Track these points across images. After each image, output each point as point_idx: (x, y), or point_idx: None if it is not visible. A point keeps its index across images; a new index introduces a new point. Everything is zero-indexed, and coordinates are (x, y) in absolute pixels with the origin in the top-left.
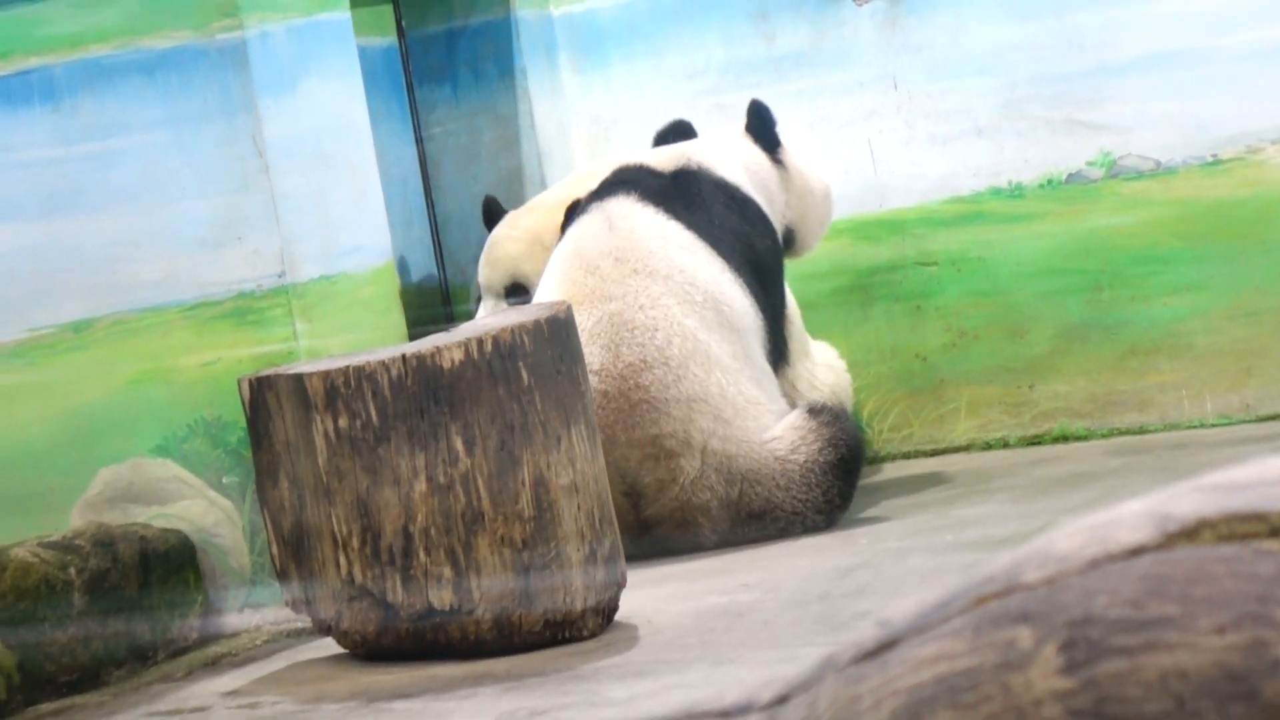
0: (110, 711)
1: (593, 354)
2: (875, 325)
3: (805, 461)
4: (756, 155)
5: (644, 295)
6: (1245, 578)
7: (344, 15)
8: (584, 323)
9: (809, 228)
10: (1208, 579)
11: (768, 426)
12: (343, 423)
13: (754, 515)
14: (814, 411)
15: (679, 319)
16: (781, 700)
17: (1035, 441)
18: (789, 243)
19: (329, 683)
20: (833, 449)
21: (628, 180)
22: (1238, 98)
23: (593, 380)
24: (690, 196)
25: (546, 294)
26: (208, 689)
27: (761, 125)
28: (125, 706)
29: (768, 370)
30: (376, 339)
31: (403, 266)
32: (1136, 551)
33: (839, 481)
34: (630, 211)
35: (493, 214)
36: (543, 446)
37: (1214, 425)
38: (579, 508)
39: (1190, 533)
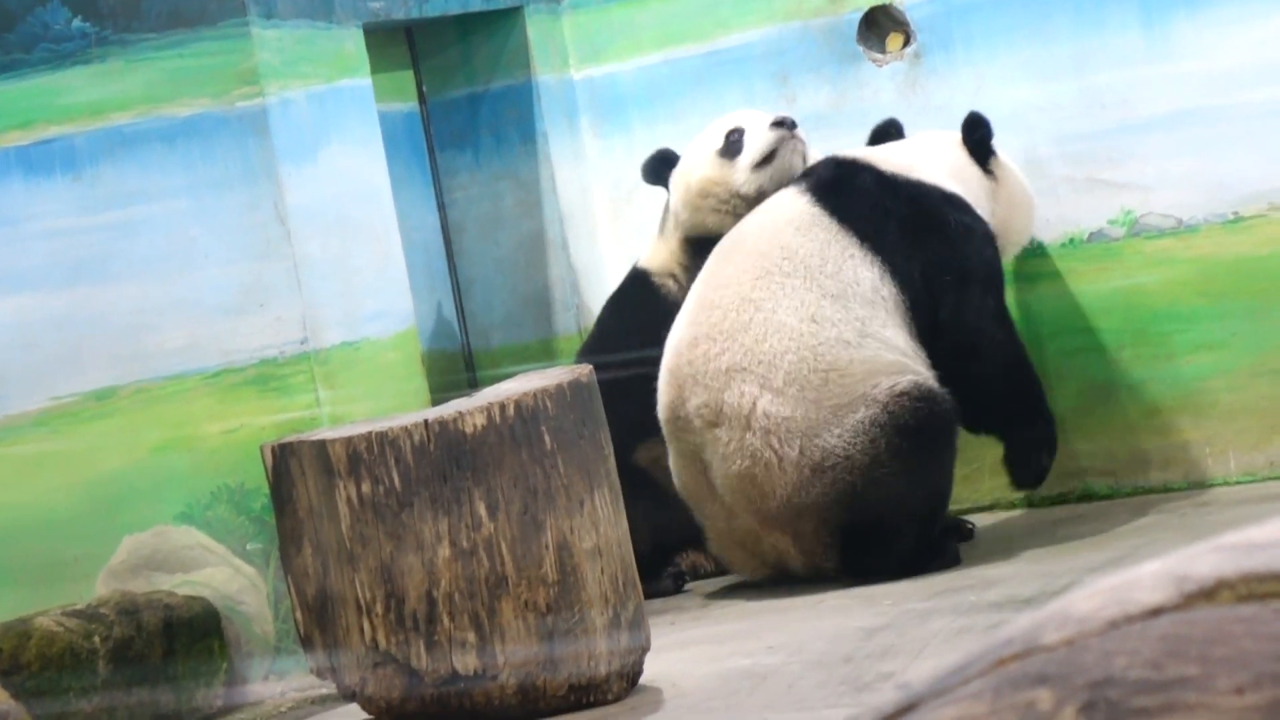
0: None
1: (674, 333)
2: None
3: (866, 416)
4: (966, 163)
5: (727, 275)
6: (1264, 637)
7: (365, 81)
8: (685, 305)
9: (1009, 238)
10: (1227, 639)
11: (849, 384)
12: (366, 489)
13: (817, 469)
14: (909, 388)
15: (746, 294)
16: None
17: (1059, 500)
18: None
19: None
20: (897, 410)
21: (807, 173)
22: (1259, 155)
23: (666, 361)
24: (852, 184)
25: None
26: None
27: (978, 138)
28: None
29: (883, 335)
30: (399, 404)
31: (425, 331)
32: (1155, 612)
33: (898, 437)
34: (776, 199)
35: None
36: (566, 511)
37: (1238, 483)
38: (602, 571)
39: (1209, 593)
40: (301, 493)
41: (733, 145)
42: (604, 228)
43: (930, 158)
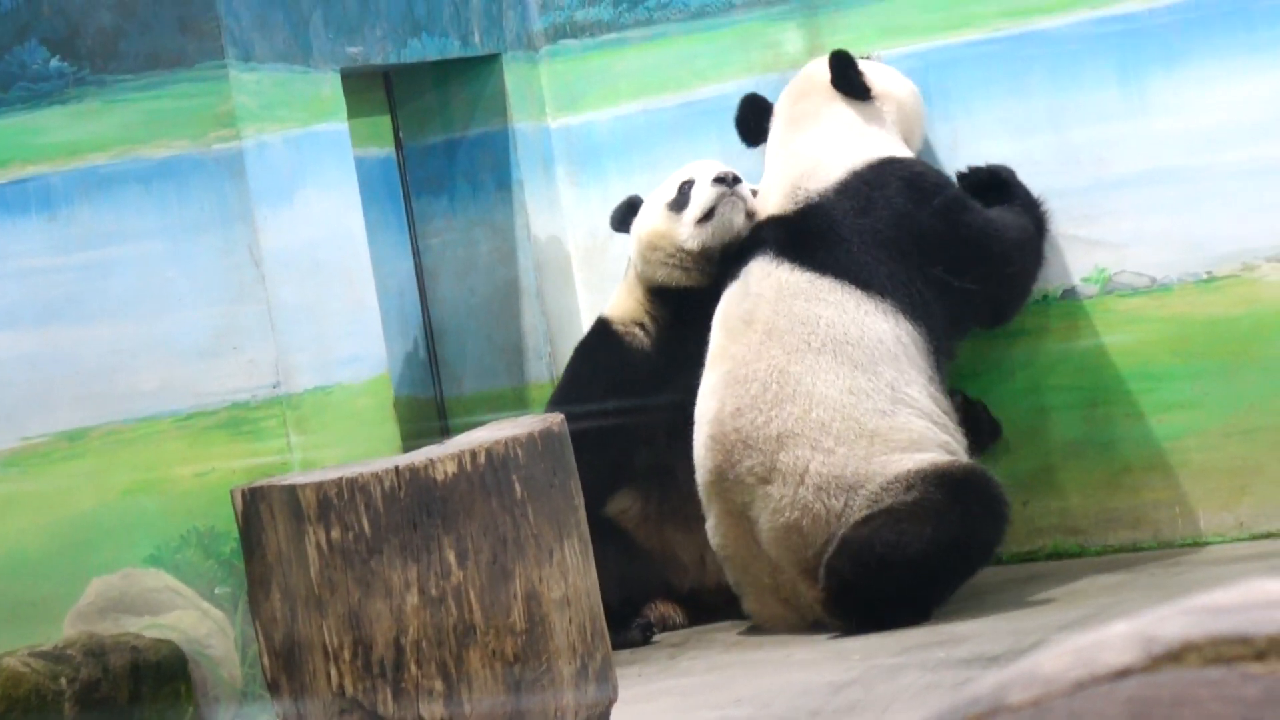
0: None
1: (709, 406)
2: None
3: (914, 470)
4: (854, 112)
5: (753, 352)
6: (1230, 701)
7: (341, 126)
8: (709, 379)
9: (914, 135)
10: (1193, 702)
11: (894, 449)
12: (335, 534)
13: (862, 521)
14: (949, 463)
15: (783, 367)
16: None
17: (1029, 558)
18: None
19: None
20: (947, 473)
21: (762, 239)
22: (1234, 215)
23: (705, 429)
24: (819, 235)
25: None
26: None
27: (845, 79)
28: None
29: (910, 395)
30: (370, 450)
31: (398, 377)
32: (1122, 674)
33: (939, 491)
34: (764, 272)
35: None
36: (535, 560)
37: (1207, 543)
38: (571, 621)
39: (1175, 655)
40: (271, 537)
41: (681, 199)
42: (578, 276)
43: (824, 137)
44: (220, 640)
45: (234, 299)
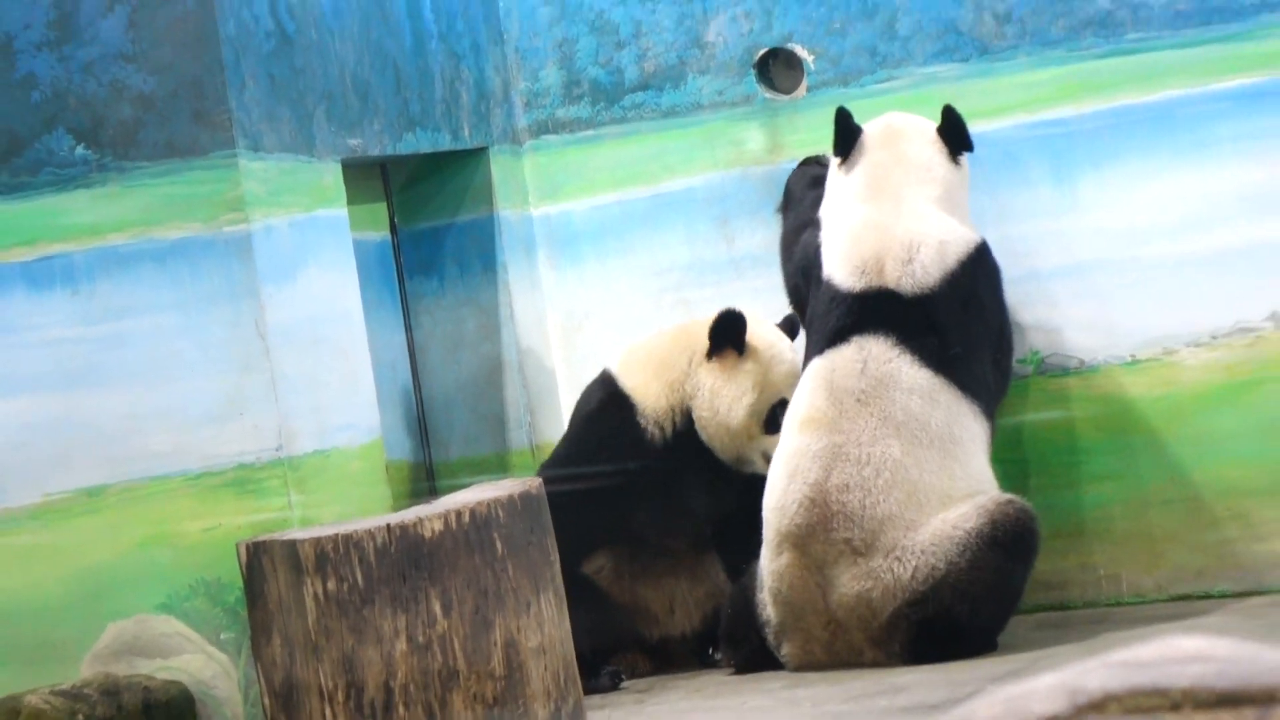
0: None
1: (811, 470)
2: None
3: (971, 529)
4: (948, 173)
5: (867, 434)
6: None
7: (341, 212)
8: (812, 444)
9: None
10: None
11: (961, 519)
12: (331, 586)
13: (919, 599)
14: (1002, 498)
15: (896, 457)
16: None
17: None
18: None
19: None
20: (991, 524)
21: (879, 312)
22: (1155, 303)
23: (803, 489)
24: (938, 329)
25: (794, 405)
26: None
27: (957, 131)
28: None
29: (983, 469)
30: (364, 509)
31: (390, 443)
32: None
33: (995, 557)
34: (885, 357)
35: (735, 325)
36: (514, 611)
37: (1128, 603)
38: (546, 668)
39: (1098, 705)
40: (272, 588)
41: (774, 423)
42: (556, 352)
43: (930, 203)
44: (225, 682)
45: (241, 369)
